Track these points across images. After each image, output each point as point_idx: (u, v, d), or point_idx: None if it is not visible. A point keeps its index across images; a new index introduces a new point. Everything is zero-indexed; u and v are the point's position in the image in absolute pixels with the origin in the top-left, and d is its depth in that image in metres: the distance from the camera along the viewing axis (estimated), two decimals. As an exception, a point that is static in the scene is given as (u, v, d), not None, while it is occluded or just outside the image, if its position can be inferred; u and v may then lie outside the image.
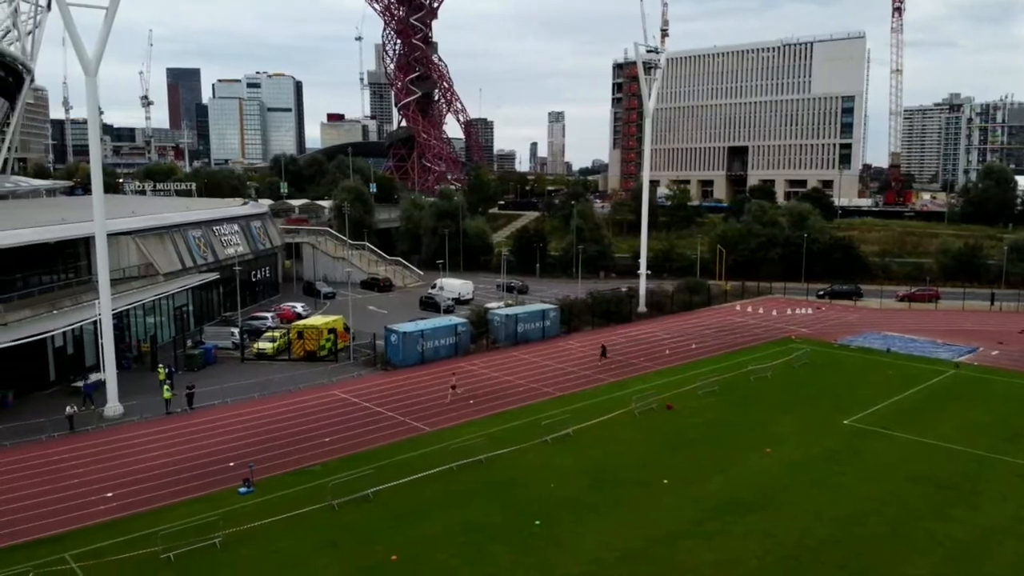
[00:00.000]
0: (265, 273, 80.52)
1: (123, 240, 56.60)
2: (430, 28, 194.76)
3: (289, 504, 31.42)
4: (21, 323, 43.70)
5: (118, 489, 33.02)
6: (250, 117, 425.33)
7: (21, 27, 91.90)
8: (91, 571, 26.07)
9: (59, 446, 38.28)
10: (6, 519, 29.99)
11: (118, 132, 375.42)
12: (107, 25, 41.18)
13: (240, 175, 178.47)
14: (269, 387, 48.57)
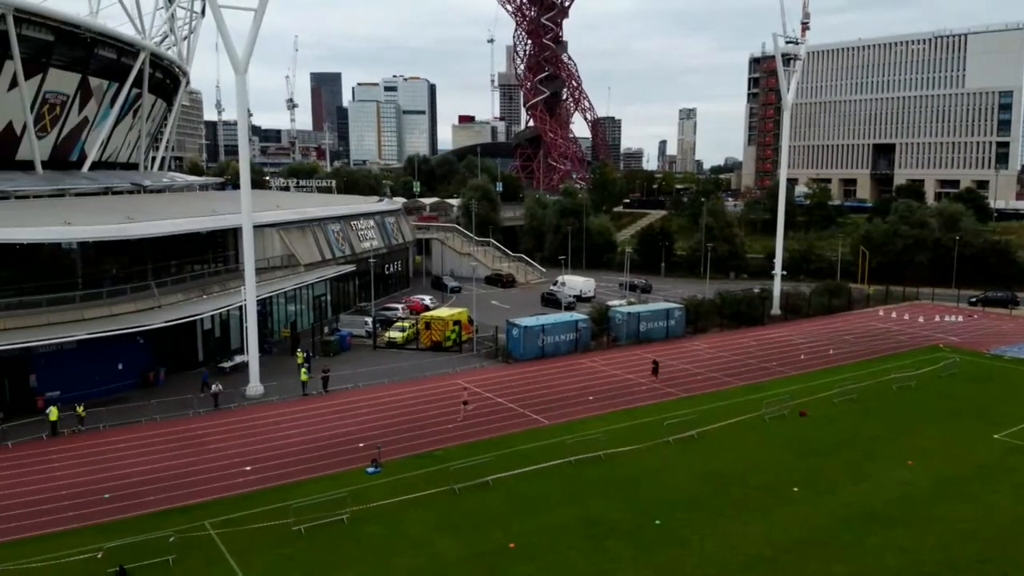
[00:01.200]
0: (397, 267, 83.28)
1: (268, 232, 59.90)
2: (560, 27, 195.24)
3: (413, 486, 32.26)
4: (174, 306, 47.11)
5: (256, 464, 34.96)
6: (387, 119, 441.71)
7: (177, 32, 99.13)
8: (228, 539, 27.68)
9: (204, 421, 40.99)
10: (154, 487, 32.37)
11: (265, 133, 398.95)
12: (255, 26, 43.72)
13: (376, 175, 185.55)
14: (398, 374, 50.13)
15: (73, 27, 69.92)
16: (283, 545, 27.25)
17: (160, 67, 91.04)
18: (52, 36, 67.90)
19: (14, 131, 69.59)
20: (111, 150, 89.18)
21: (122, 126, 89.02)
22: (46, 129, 73.99)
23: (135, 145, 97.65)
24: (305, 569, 25.69)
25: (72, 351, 42.23)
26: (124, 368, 45.03)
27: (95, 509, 30.18)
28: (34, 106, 69.70)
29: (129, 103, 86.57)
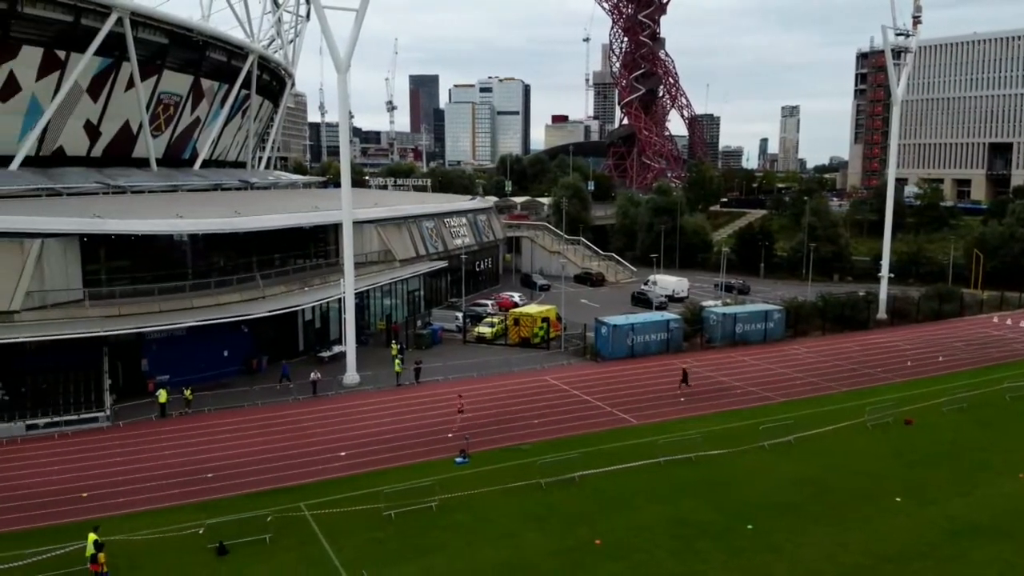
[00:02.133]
0: (487, 264, 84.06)
1: (366, 228, 61.49)
2: (658, 24, 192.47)
3: (500, 478, 32.46)
4: (276, 297, 48.99)
5: (350, 449, 36.00)
6: (481, 120, 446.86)
7: (284, 36, 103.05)
8: (321, 520, 28.57)
9: (302, 408, 42.45)
10: (253, 468, 33.78)
11: (365, 135, 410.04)
12: (356, 26, 44.98)
13: (470, 175, 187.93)
14: (486, 368, 50.58)
15: (186, 30, 73.72)
16: (374, 529, 27.92)
17: (267, 69, 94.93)
18: (166, 39, 71.78)
19: (131, 130, 73.96)
20: (221, 149, 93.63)
21: (231, 126, 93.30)
22: (160, 128, 78.31)
23: (243, 144, 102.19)
24: (395, 553, 26.23)
25: (181, 337, 44.54)
26: (229, 355, 47.16)
27: (198, 487, 31.71)
28: (149, 106, 73.85)
29: (238, 104, 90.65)
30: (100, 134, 71.26)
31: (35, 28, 59.63)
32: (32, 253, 40.37)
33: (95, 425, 38.75)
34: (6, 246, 40.03)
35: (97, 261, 43.69)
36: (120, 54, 67.21)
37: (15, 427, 37.65)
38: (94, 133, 70.63)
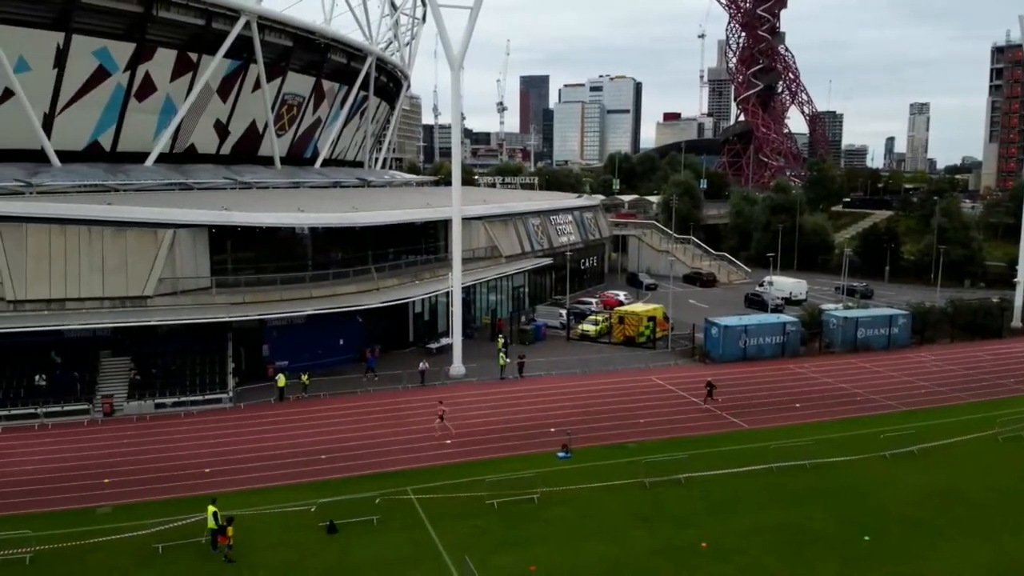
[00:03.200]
0: (593, 262, 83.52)
1: (474, 224, 62.37)
2: (777, 18, 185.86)
3: (603, 474, 32.15)
4: (389, 289, 50.41)
5: (455, 438, 36.56)
6: (590, 119, 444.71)
7: (400, 38, 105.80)
8: (426, 504, 29.15)
9: (411, 396, 43.48)
10: (362, 452, 34.84)
11: (475, 136, 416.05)
12: (471, 23, 45.61)
13: (577, 174, 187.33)
14: (590, 365, 50.25)
15: (309, 33, 76.84)
16: (477, 516, 28.26)
17: (384, 71, 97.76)
18: (291, 42, 75.04)
19: (257, 129, 77.79)
20: (340, 149, 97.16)
21: (350, 126, 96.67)
22: (284, 128, 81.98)
23: (361, 145, 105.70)
24: (498, 541, 26.46)
25: (300, 325, 46.56)
26: (344, 344, 48.92)
27: (312, 468, 32.99)
28: (274, 106, 77.41)
29: (356, 105, 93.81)
30: (229, 133, 75.33)
31: (169, 31, 63.61)
32: (165, 242, 43.12)
33: (218, 406, 41.05)
34: (142, 236, 42.90)
35: (224, 251, 46.15)
36: (248, 56, 70.81)
37: (145, 405, 40.32)
38: (223, 132, 74.73)
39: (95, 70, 60.35)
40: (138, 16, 60.45)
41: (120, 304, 42.12)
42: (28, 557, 24.76)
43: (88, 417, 39.09)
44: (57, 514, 28.21)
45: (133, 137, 65.31)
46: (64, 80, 58.48)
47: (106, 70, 61.03)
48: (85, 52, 58.72)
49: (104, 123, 63.74)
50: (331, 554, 25.63)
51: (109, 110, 63.19)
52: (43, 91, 57.59)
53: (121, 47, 60.97)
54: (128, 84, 62.96)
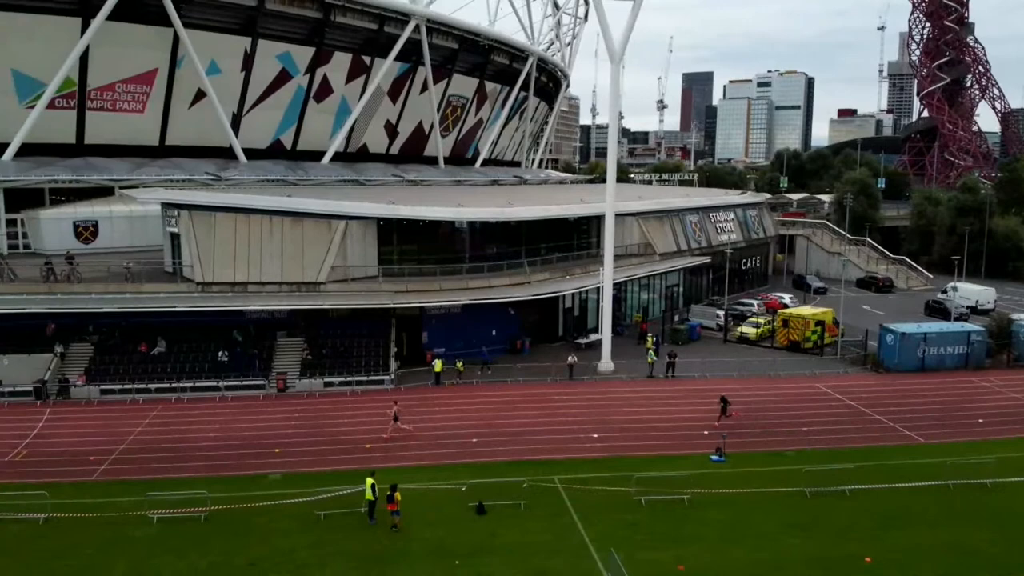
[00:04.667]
0: (755, 262, 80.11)
1: (628, 221, 61.64)
2: (966, 7, 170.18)
3: (759, 481, 30.80)
4: (541, 283, 50.87)
5: (602, 432, 36.35)
6: (757, 116, 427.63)
7: (562, 38, 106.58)
8: (572, 495, 29.11)
9: (559, 389, 43.65)
10: (511, 438, 35.41)
11: (633, 135, 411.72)
12: (632, 16, 45.12)
13: (740, 172, 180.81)
14: (748, 369, 48.26)
15: (474, 35, 79.17)
16: (624, 511, 27.89)
17: (545, 71, 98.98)
18: (456, 44, 77.63)
19: (423, 130, 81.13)
20: (499, 149, 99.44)
21: (509, 127, 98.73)
22: (448, 128, 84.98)
23: (519, 144, 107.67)
24: (646, 538, 25.98)
25: (457, 315, 48.05)
26: (496, 334, 49.92)
27: (463, 450, 33.92)
28: (440, 108, 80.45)
29: (517, 105, 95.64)
30: (398, 133, 79.15)
31: (345, 36, 67.68)
32: (338, 233, 45.86)
33: (381, 387, 43.16)
34: (317, 226, 45.86)
35: (390, 243, 48.46)
36: (416, 59, 74.03)
37: (315, 383, 43.04)
38: (392, 132, 78.61)
39: (279, 73, 65.32)
40: (317, 21, 64.78)
41: (296, 288, 45.29)
42: (203, 516, 27.08)
43: (263, 392, 42.28)
44: (231, 478, 30.68)
45: (311, 136, 70.10)
46: (251, 82, 63.72)
47: (288, 73, 65.87)
48: (270, 56, 63.66)
49: (286, 123, 68.84)
50: (479, 534, 26.18)
51: (290, 111, 68.19)
52: (232, 93, 63.04)
53: (302, 51, 65.59)
54: (308, 86, 67.66)
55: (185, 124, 61.81)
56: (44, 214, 55.82)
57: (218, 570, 23.74)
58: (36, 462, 32.36)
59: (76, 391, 40.82)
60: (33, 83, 54.24)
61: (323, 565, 24.08)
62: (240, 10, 60.29)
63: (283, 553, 24.78)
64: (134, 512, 27.07)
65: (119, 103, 58.64)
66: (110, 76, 57.20)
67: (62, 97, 55.74)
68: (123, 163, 58.33)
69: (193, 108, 61.61)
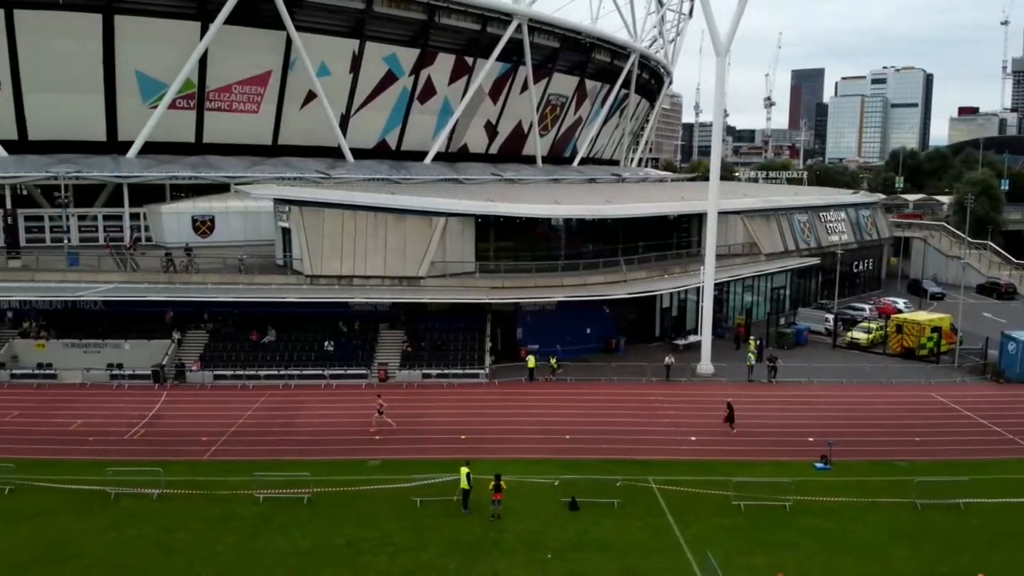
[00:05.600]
0: (867, 265, 76.43)
1: (731, 219, 59.96)
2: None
3: (866, 490, 29.43)
4: (637, 281, 50.22)
5: (701, 435, 35.56)
6: (870, 114, 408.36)
7: (665, 35, 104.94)
8: (668, 496, 28.61)
9: (655, 389, 42.98)
10: (605, 437, 35.09)
11: (739, 134, 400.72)
12: (741, 5, 43.84)
13: (852, 171, 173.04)
14: (858, 375, 46.11)
15: (576, 34, 78.99)
16: (721, 515, 27.25)
17: (647, 68, 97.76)
18: (558, 43, 77.65)
19: (522, 129, 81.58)
20: (598, 147, 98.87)
21: (609, 125, 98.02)
22: (547, 128, 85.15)
23: (618, 143, 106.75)
24: (743, 542, 25.30)
25: (551, 312, 48.06)
26: (591, 333, 49.62)
27: (556, 446, 33.92)
28: (539, 107, 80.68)
29: (617, 103, 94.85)
30: (497, 133, 79.94)
31: (449, 37, 68.87)
32: (438, 229, 46.74)
33: (476, 380, 43.74)
34: (419, 222, 46.90)
35: (487, 240, 48.98)
36: (517, 59, 74.54)
37: (413, 374, 44.02)
38: (492, 132, 79.44)
39: (385, 74, 67.17)
40: (422, 23, 66.23)
41: (397, 282, 46.50)
42: (306, 497, 28.12)
43: (365, 381, 43.54)
44: (333, 462, 31.74)
45: (414, 137, 71.76)
46: (358, 84, 65.74)
47: (394, 74, 67.65)
48: (376, 58, 65.54)
49: (391, 124, 70.72)
50: (572, 529, 26.09)
51: (396, 112, 69.99)
52: (341, 94, 65.23)
53: (407, 53, 67.24)
54: (412, 87, 69.27)
55: (296, 124, 64.41)
56: (165, 209, 59.33)
57: (319, 550, 24.60)
58: (152, 441, 34.46)
59: (191, 376, 43.18)
60: (156, 84, 57.74)
61: (419, 550, 24.59)
62: (349, 13, 62.33)
63: (381, 536, 25.46)
64: (242, 491, 28.42)
65: (235, 104, 61.69)
66: (227, 78, 60.25)
67: (183, 98, 59.12)
68: (238, 161, 61.33)
69: (304, 109, 64.13)
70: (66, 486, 28.77)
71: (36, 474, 29.60)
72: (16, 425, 36.12)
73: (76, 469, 30.50)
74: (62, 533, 25.46)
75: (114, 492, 28.19)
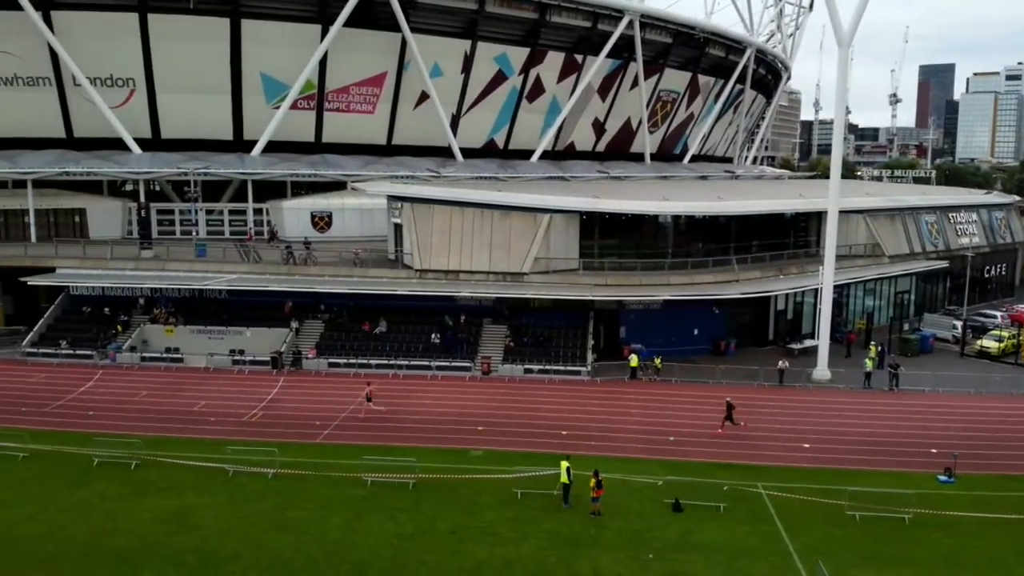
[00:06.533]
0: (1000, 270, 71.13)
1: (853, 218, 57.09)
2: None
3: (994, 505, 27.50)
4: (750, 281, 48.61)
5: (814, 443, 34.07)
6: (1005, 112, 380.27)
7: (784, 29, 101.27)
8: (777, 503, 27.56)
9: (767, 394, 41.45)
10: (711, 440, 34.22)
11: (861, 132, 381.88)
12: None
13: (985, 172, 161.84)
14: (987, 385, 42.95)
15: (689, 29, 77.37)
16: (834, 525, 26.06)
17: (763, 63, 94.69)
18: (670, 39, 76.27)
19: (631, 127, 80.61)
20: (710, 144, 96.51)
21: (722, 121, 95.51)
22: (657, 124, 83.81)
23: (732, 140, 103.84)
24: (857, 554, 24.12)
25: (656, 311, 47.19)
26: (699, 334, 48.35)
27: (659, 446, 33.32)
28: (649, 103, 79.50)
29: (731, 99, 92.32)
30: (605, 131, 79.35)
31: (559, 35, 68.87)
32: (543, 225, 46.78)
33: (577, 377, 43.42)
34: (524, 218, 47.08)
35: (591, 236, 48.60)
36: (628, 55, 73.74)
37: (516, 369, 44.19)
38: (600, 130, 78.93)
39: (495, 74, 67.94)
40: (534, 22, 66.56)
41: (502, 278, 46.85)
42: (411, 483, 28.73)
43: (469, 374, 44.07)
44: (437, 450, 32.32)
45: (522, 135, 72.22)
46: (469, 84, 66.74)
47: (504, 74, 68.32)
48: (487, 58, 66.36)
49: (500, 123, 71.46)
50: (674, 531, 25.53)
51: (504, 111, 70.66)
52: (452, 94, 66.44)
53: (518, 52, 67.76)
54: (521, 86, 69.73)
55: (409, 124, 66.03)
56: (286, 204, 62.08)
57: (422, 534, 25.07)
58: (269, 423, 36.10)
59: (307, 363, 44.96)
60: (279, 85, 60.48)
61: (520, 541, 24.66)
62: (463, 14, 63.37)
63: (483, 525, 25.72)
64: (351, 474, 29.35)
65: (352, 104, 63.88)
66: (345, 79, 62.44)
67: (304, 99, 61.69)
68: (354, 160, 63.44)
69: (417, 109, 65.67)
70: (188, 463, 30.53)
71: (161, 450, 31.58)
72: (144, 405, 38.66)
73: (198, 447, 32.32)
74: (184, 506, 27.02)
75: (232, 470, 29.70)
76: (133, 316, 48.65)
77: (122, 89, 58.54)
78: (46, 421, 35.87)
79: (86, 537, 24.62)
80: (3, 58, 56.12)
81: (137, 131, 59.25)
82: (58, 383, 41.76)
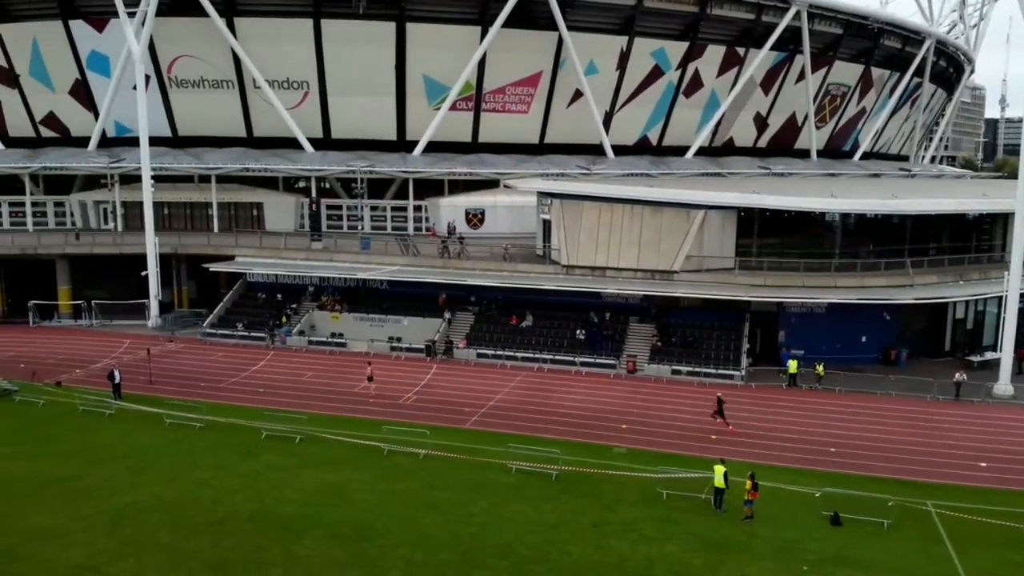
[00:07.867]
0: None
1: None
2: None
3: None
4: (926, 286, 45.02)
5: (992, 462, 31.09)
6: None
7: (967, 19, 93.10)
8: (948, 523, 25.40)
9: (941, 408, 38.22)
10: (876, 453, 31.92)
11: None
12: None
13: None
14: None
15: (861, 19, 72.71)
16: (1011, 549, 23.75)
17: (944, 55, 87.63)
18: (840, 29, 72.01)
19: (796, 122, 76.77)
20: (883, 141, 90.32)
21: (897, 117, 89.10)
22: (824, 120, 79.34)
23: (908, 137, 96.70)
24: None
25: (820, 315, 44.65)
26: (867, 341, 45.19)
27: (817, 457, 31.54)
28: (817, 97, 75.38)
29: (908, 93, 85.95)
30: (767, 126, 76.07)
31: (720, 28, 66.73)
32: (696, 222, 45.54)
33: (730, 381, 41.75)
34: (676, 215, 46.02)
35: (749, 235, 46.76)
36: (794, 47, 70.34)
37: (662, 369, 43.28)
38: (762, 125, 75.76)
39: (651, 70, 66.89)
40: (693, 16, 64.97)
41: (650, 276, 46.07)
42: (555, 474, 28.78)
43: (613, 372, 43.63)
44: (580, 445, 32.23)
45: (677, 131, 70.64)
46: (624, 80, 66.10)
47: (660, 69, 67.13)
48: (644, 53, 65.43)
49: (654, 119, 70.30)
50: (831, 544, 24.02)
51: (659, 107, 69.42)
52: (606, 91, 66.04)
53: (676, 47, 66.36)
54: (678, 82, 68.24)
55: (562, 123, 66.30)
56: (443, 201, 64.14)
57: (565, 525, 25.03)
58: (422, 406, 37.47)
59: (458, 352, 46.27)
60: (439, 87, 62.51)
61: (664, 540, 24.07)
62: (621, 10, 62.83)
63: (626, 522, 25.31)
64: (497, 460, 29.86)
65: (508, 105, 64.99)
66: (502, 79, 63.60)
67: (462, 100, 63.42)
68: (508, 159, 64.51)
69: (570, 108, 65.82)
70: (347, 439, 32.20)
71: (323, 427, 33.50)
72: (310, 384, 41.21)
73: (356, 426, 34.03)
74: (341, 480, 28.49)
75: (387, 448, 31.02)
76: (302, 303, 52.01)
77: (297, 91, 62.67)
78: (222, 396, 39.05)
79: (252, 504, 26.45)
80: (191, 62, 61.55)
81: (310, 131, 63.18)
82: (234, 362, 45.38)
